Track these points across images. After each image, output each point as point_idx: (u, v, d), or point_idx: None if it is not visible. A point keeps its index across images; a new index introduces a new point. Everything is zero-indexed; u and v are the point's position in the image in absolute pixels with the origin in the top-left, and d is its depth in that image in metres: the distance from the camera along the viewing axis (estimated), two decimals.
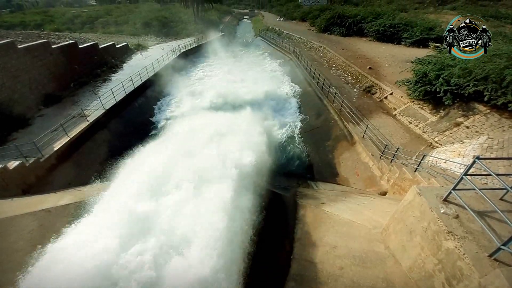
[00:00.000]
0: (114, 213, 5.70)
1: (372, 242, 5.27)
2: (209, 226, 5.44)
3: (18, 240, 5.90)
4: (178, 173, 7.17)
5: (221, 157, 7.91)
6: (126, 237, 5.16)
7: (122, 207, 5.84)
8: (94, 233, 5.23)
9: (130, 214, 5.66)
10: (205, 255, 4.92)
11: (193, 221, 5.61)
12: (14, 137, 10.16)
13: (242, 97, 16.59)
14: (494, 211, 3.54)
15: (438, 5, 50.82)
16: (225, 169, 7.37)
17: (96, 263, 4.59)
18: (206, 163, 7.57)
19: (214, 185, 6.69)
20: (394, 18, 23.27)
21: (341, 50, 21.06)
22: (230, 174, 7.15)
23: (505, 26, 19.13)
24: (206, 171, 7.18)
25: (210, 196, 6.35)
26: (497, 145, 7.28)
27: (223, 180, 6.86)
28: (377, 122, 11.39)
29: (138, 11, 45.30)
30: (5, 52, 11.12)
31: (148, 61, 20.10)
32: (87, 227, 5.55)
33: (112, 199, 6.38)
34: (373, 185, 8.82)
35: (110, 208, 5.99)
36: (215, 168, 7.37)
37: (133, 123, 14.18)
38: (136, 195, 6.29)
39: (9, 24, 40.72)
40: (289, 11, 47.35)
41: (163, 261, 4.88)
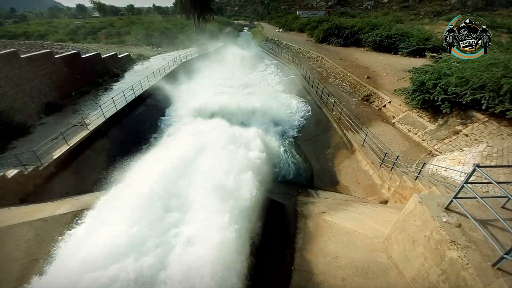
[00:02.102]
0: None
1: (374, 252, 5.18)
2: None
3: (14, 250, 5.79)
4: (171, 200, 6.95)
5: (217, 189, 7.23)
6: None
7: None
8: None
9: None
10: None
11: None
12: (14, 145, 10.14)
13: (241, 105, 16.66)
14: (496, 219, 3.51)
15: (433, 16, 52.16)
16: (222, 202, 6.69)
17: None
18: (200, 191, 7.16)
19: (210, 215, 6.27)
20: (390, 29, 23.85)
21: (339, 60, 21.42)
22: (226, 209, 6.49)
23: (501, 36, 19.58)
24: (200, 202, 6.80)
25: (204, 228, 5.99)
26: (496, 153, 7.29)
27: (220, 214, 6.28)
28: (376, 130, 11.44)
29: (140, 22, 46.38)
30: (8, 61, 11.28)
31: (149, 71, 20.39)
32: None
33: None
34: (374, 193, 8.76)
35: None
36: (210, 200, 6.81)
37: (133, 131, 14.22)
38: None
39: (12, 34, 41.62)
40: (287, 23, 48.58)
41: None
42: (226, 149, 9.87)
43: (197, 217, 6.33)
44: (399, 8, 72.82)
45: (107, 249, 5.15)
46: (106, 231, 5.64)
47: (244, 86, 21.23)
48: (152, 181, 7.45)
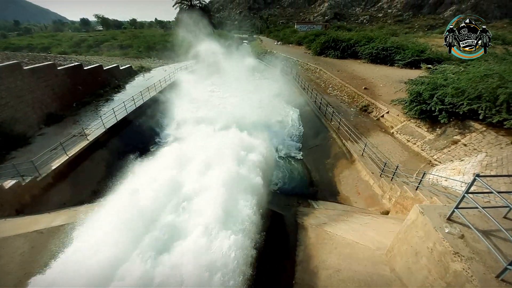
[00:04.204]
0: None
1: (377, 264, 5.07)
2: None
3: (9, 263, 5.67)
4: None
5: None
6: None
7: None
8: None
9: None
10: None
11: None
12: (13, 156, 10.11)
13: (240, 116, 16.74)
14: (499, 229, 3.47)
15: (427, 30, 53.71)
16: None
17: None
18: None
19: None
20: (386, 42, 24.54)
21: (336, 72, 21.85)
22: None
23: (495, 47, 20.04)
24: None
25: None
26: (496, 162, 7.31)
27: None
28: (375, 140, 11.49)
29: (142, 35, 47.56)
30: (11, 73, 11.46)
31: (150, 82, 20.68)
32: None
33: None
34: (375, 204, 8.68)
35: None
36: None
37: (133, 141, 14.21)
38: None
39: (16, 46, 42.46)
40: (286, 36, 50.03)
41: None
42: (225, 159, 9.73)
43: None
44: (394, 22, 75.32)
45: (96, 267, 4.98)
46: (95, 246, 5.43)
47: (241, 96, 21.45)
48: (143, 197, 7.03)
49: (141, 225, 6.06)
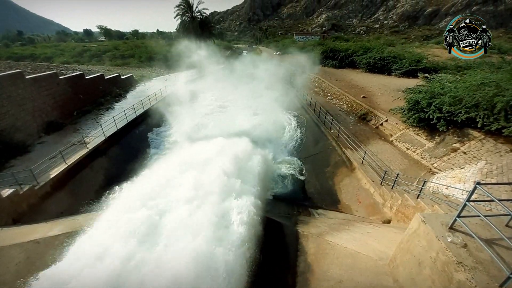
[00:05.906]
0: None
1: (380, 275, 4.96)
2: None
3: (5, 273, 5.57)
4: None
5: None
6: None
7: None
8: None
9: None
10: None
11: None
12: (12, 164, 10.07)
13: (239, 124, 16.78)
14: (501, 238, 3.43)
15: (423, 40, 54.82)
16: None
17: None
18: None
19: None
20: (383, 51, 25.01)
21: (335, 81, 22.15)
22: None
23: (491, 56, 20.40)
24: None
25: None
26: (496, 170, 7.30)
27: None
28: (375, 148, 11.51)
29: (144, 46, 48.41)
30: (13, 81, 11.58)
31: (151, 91, 20.88)
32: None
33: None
34: (376, 212, 8.59)
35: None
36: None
37: (132, 150, 14.20)
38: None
39: (19, 56, 43.07)
40: (284, 46, 50.94)
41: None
42: (224, 167, 9.63)
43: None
44: (390, 32, 77.14)
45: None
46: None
47: (239, 104, 21.61)
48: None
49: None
